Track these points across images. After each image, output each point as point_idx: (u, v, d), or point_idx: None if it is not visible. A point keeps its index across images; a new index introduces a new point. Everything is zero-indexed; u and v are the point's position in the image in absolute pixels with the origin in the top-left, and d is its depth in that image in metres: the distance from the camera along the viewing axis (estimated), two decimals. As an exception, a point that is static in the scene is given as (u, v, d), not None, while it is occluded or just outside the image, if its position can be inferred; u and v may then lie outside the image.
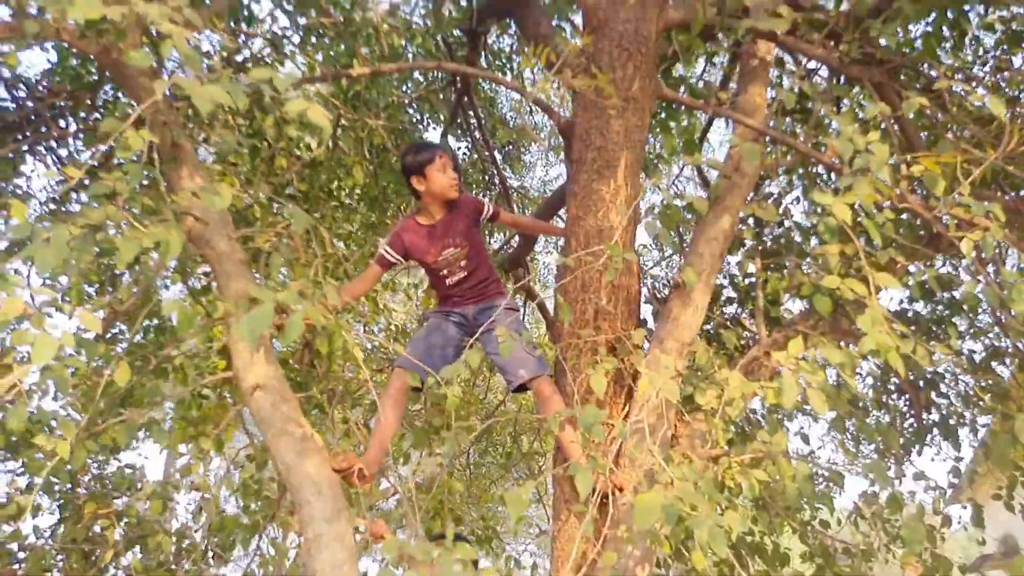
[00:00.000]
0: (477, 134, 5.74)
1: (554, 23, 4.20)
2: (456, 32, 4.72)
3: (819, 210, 2.35)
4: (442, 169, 2.81)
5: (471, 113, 5.60)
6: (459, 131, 5.87)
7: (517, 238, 5.14)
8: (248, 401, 2.71)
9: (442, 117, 5.74)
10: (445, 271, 2.91)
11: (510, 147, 7.39)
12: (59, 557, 3.89)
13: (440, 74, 5.55)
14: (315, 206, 3.94)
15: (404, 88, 5.52)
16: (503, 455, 4.89)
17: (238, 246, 2.92)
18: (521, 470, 5.39)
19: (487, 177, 5.95)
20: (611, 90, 2.54)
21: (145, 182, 2.98)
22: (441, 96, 5.63)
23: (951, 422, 3.68)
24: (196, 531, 3.53)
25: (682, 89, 3.64)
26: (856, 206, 2.17)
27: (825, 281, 2.19)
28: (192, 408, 3.72)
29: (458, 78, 5.21)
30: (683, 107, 3.51)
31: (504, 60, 5.54)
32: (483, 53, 5.26)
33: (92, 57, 3.73)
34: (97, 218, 2.02)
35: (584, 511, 2.40)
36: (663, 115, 3.50)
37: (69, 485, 3.92)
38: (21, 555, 3.85)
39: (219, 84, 1.97)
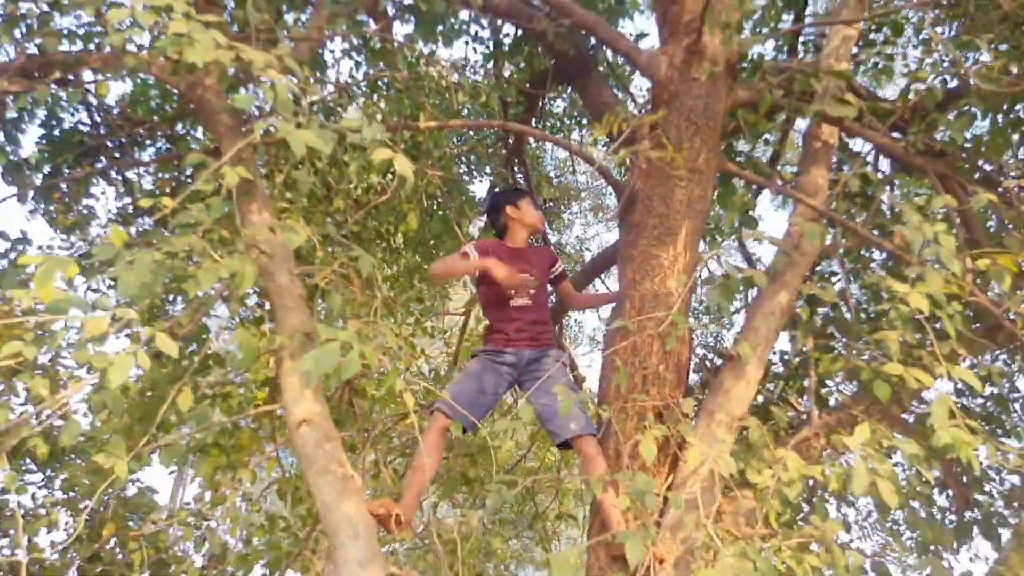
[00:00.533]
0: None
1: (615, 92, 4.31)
2: (513, 94, 4.86)
3: (886, 296, 2.35)
4: (532, 205, 3.15)
5: (518, 170, 5.74)
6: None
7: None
8: (293, 435, 2.72)
9: (490, 171, 5.86)
10: (514, 291, 2.95)
11: (552, 204, 7.52)
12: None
13: (493, 131, 5.72)
14: (366, 248, 4.02)
15: (457, 141, 5.68)
16: (517, 512, 4.82)
17: (298, 282, 2.98)
18: (529, 528, 5.29)
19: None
20: (680, 161, 2.59)
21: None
22: (491, 151, 5.78)
23: (993, 521, 3.56)
24: (217, 562, 3.50)
25: (736, 162, 3.71)
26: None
27: (888, 368, 2.17)
28: (225, 437, 3.73)
29: (509, 136, 5.37)
30: (741, 182, 3.55)
31: (558, 123, 5.68)
32: (539, 115, 5.41)
33: (176, 92, 3.91)
34: (179, 246, 2.09)
35: (625, 581, 2.35)
36: (718, 189, 3.55)
37: (88, 503, 3.92)
38: (34, 568, 3.84)
39: (310, 130, 2.06)
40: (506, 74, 4.94)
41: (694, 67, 2.79)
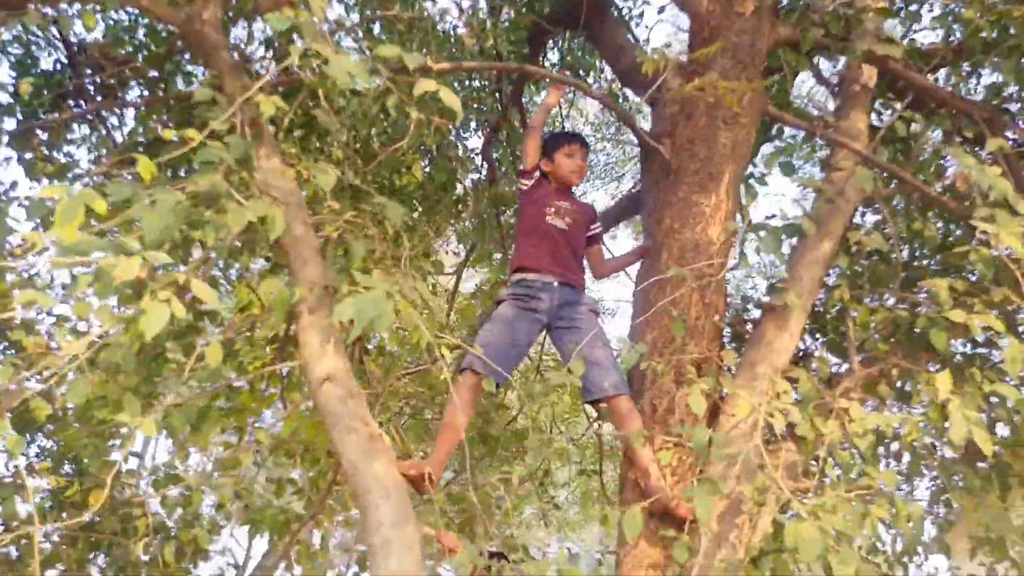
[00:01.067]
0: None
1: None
2: (522, 36, 4.63)
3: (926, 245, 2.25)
4: (570, 155, 2.94)
5: (516, 122, 5.54)
6: (503, 137, 5.79)
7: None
8: (316, 393, 2.56)
9: (487, 121, 5.65)
10: (553, 210, 2.85)
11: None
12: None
13: (487, 83, 5.48)
14: (367, 199, 3.81)
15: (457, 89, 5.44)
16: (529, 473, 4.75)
17: (312, 232, 2.79)
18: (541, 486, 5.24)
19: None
20: (732, 102, 2.45)
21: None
22: (486, 102, 5.56)
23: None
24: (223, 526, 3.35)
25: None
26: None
27: (951, 314, 2.09)
28: (226, 398, 3.55)
29: (502, 88, 5.15)
30: (778, 126, 3.42)
31: (563, 69, 5.47)
32: (540, 63, 5.19)
33: (165, 27, 3.61)
34: (203, 185, 1.89)
35: (676, 536, 2.27)
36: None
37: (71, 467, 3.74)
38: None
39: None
40: (508, 16, 4.71)
41: (737, 0, 2.63)
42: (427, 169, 4.16)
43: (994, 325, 1.95)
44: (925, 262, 2.84)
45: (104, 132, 3.91)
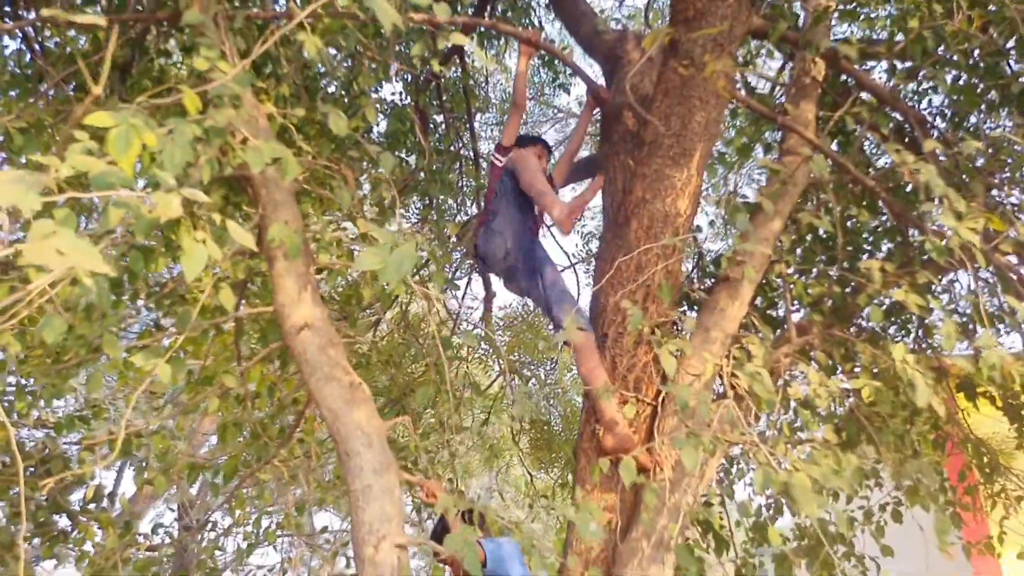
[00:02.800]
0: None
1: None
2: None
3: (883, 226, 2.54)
4: (539, 156, 3.42)
5: (455, 70, 5.49)
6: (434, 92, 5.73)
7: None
8: (292, 341, 2.54)
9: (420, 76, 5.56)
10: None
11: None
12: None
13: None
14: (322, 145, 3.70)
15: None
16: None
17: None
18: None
19: (461, 141, 5.86)
20: (716, 80, 2.60)
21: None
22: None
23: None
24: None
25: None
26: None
27: (896, 294, 2.38)
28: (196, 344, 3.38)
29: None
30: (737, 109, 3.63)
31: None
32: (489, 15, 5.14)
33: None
34: (221, 121, 1.80)
35: (644, 483, 2.48)
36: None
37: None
38: None
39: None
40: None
41: (722, -14, 2.77)
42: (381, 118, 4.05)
43: (936, 304, 2.26)
44: (857, 243, 3.17)
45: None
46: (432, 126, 5.73)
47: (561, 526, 2.94)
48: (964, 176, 2.89)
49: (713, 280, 3.02)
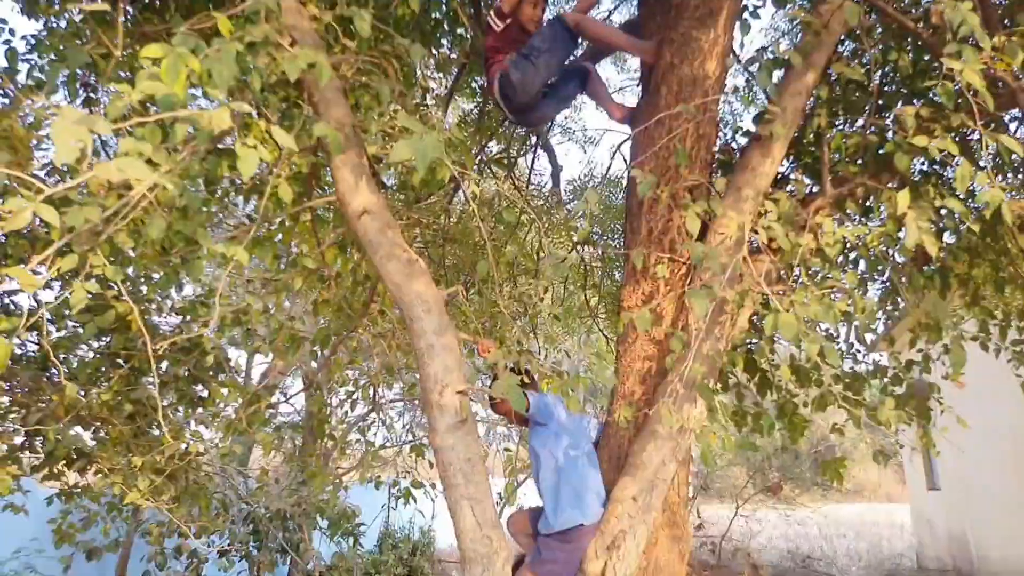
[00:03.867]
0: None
1: None
2: None
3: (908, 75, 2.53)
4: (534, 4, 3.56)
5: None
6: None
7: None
8: (355, 225, 2.88)
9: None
10: None
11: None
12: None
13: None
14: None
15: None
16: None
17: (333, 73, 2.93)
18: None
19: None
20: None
21: None
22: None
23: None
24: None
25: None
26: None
27: (915, 139, 2.43)
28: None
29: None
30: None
31: None
32: None
33: None
34: (258, 35, 2.05)
35: (672, 331, 2.75)
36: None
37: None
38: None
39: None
40: None
41: None
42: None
43: (950, 148, 2.29)
44: (896, 89, 3.12)
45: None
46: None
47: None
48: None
49: (747, 139, 3.09)
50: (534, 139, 6.57)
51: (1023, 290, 3.43)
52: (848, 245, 2.80)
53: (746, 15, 3.12)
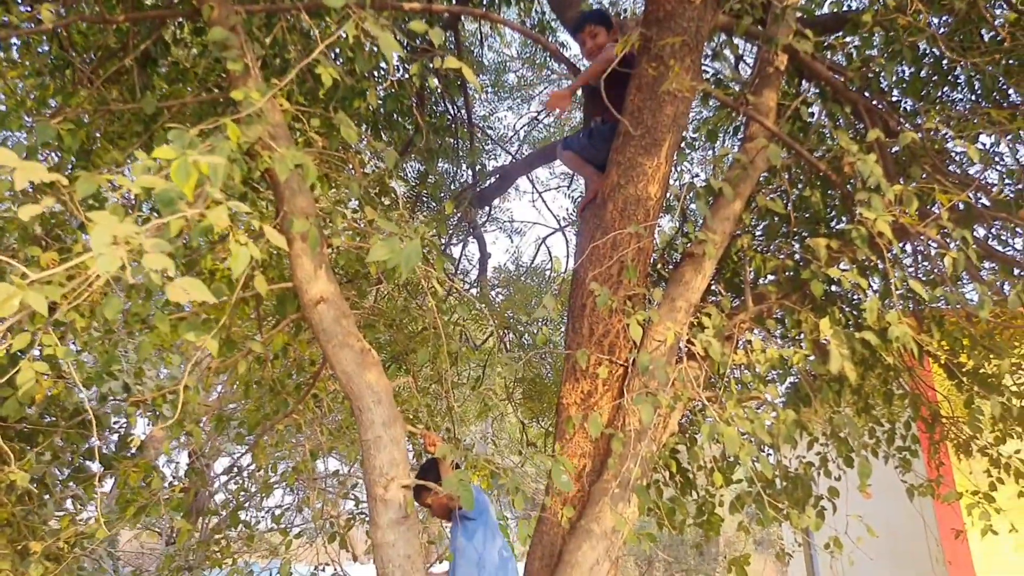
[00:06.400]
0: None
1: None
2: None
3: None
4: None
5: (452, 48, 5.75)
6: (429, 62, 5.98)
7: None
8: (311, 313, 2.91)
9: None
10: None
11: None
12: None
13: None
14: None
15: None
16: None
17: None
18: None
19: (456, 109, 6.16)
20: (684, 84, 2.92)
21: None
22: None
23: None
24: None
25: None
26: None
27: (831, 271, 2.76)
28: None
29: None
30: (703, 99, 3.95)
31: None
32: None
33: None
34: (253, 136, 2.13)
35: (613, 432, 2.90)
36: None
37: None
38: None
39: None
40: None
41: (690, -9, 3.06)
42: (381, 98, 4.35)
43: (861, 283, 2.63)
44: (809, 220, 3.54)
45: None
46: (429, 91, 6.00)
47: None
48: (907, 158, 3.23)
49: (680, 256, 3.39)
50: (467, 225, 6.82)
51: (910, 402, 3.84)
52: (775, 362, 3.08)
53: (683, 146, 3.48)
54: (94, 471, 4.39)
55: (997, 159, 3.75)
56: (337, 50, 4.04)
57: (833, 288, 3.44)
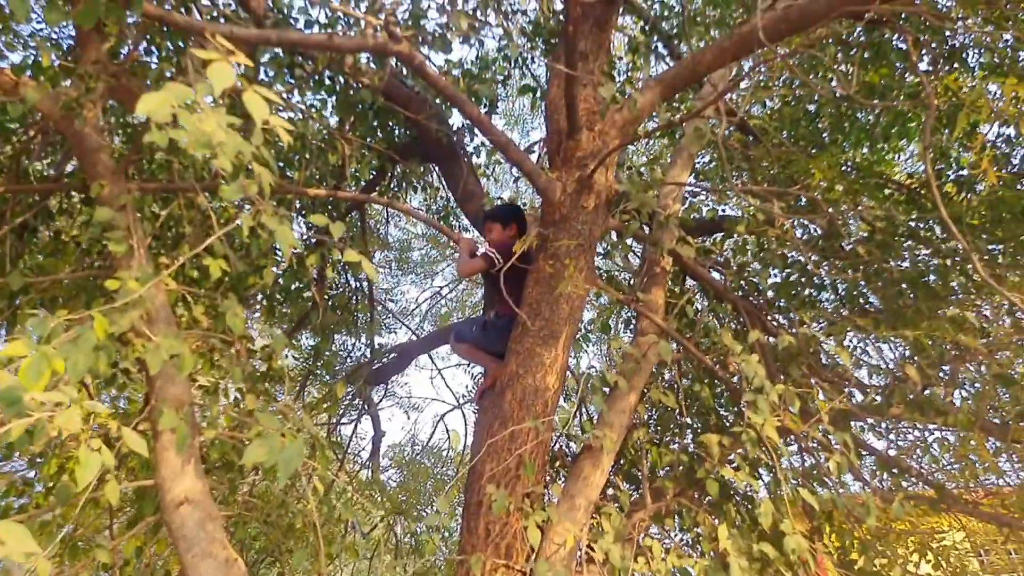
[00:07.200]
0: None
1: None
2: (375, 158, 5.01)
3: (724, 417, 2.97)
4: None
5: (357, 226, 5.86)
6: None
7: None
8: (171, 516, 2.59)
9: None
10: None
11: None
12: None
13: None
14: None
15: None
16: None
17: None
18: None
19: (358, 282, 6.15)
20: (577, 281, 3.03)
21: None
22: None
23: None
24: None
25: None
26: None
27: (723, 471, 2.77)
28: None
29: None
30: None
31: (403, 194, 5.90)
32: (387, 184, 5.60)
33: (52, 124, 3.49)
34: (124, 325, 1.97)
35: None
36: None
37: None
38: None
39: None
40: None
41: (584, 197, 3.28)
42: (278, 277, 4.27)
43: (754, 485, 2.64)
44: (700, 413, 3.62)
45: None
46: (330, 261, 5.99)
47: None
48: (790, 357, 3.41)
49: (580, 449, 3.33)
50: (360, 403, 6.55)
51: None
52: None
53: (579, 338, 3.55)
54: None
55: (865, 359, 4.07)
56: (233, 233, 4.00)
57: (728, 482, 3.44)
